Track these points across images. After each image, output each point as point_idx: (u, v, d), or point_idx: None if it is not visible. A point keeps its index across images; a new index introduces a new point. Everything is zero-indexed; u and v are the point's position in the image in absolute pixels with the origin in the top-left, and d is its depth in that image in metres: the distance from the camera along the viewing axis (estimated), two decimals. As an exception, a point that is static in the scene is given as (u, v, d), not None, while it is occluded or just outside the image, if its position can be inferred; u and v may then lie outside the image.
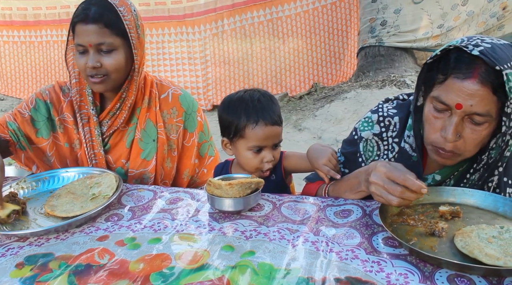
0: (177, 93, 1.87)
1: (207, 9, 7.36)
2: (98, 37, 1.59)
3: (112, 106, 1.74)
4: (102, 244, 1.19)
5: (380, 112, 1.52)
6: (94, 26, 1.59)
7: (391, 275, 1.00)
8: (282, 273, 1.02)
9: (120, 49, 1.65)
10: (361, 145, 1.54)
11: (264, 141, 1.56)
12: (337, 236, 1.18)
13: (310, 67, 7.42)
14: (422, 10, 6.33)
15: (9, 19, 8.05)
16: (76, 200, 1.41)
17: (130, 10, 1.68)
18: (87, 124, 1.77)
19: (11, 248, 1.19)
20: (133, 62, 1.70)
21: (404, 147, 1.44)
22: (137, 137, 1.79)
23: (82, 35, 1.60)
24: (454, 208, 1.23)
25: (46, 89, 1.84)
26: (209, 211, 1.37)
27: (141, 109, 1.80)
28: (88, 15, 1.59)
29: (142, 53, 1.74)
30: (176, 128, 1.84)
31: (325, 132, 5.36)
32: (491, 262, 0.97)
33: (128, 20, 1.65)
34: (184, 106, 1.86)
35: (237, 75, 7.59)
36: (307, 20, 7.23)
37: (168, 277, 1.03)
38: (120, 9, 1.63)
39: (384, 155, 1.50)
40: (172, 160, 1.86)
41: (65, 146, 1.80)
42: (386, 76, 6.30)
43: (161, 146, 1.81)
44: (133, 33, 1.66)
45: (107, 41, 1.60)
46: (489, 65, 1.12)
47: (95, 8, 1.60)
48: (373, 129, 1.51)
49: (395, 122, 1.48)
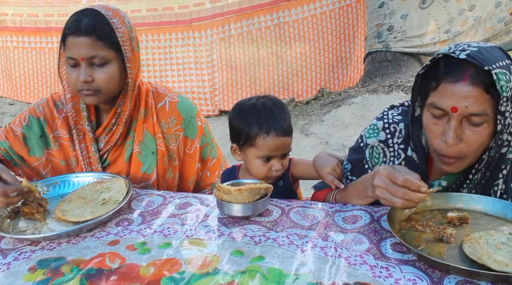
0: (174, 100, 1.81)
1: (214, 13, 7.39)
2: (90, 50, 1.53)
3: (108, 122, 1.69)
4: (113, 248, 1.21)
5: (386, 119, 1.53)
6: (86, 38, 1.53)
7: (400, 280, 1.01)
8: (291, 278, 1.03)
9: (113, 62, 1.59)
10: (367, 152, 1.55)
11: (274, 151, 1.57)
12: (345, 242, 1.19)
13: (317, 72, 7.42)
14: (429, 15, 6.32)
15: (20, 25, 8.13)
16: (87, 205, 1.43)
17: (124, 22, 1.62)
18: (83, 141, 1.73)
19: (24, 252, 1.21)
20: (127, 76, 1.64)
21: (411, 156, 1.45)
22: (135, 151, 1.74)
23: (73, 48, 1.54)
24: (462, 214, 1.23)
25: (40, 105, 1.78)
26: (218, 216, 1.38)
27: (137, 121, 1.74)
28: (80, 27, 1.53)
29: (136, 66, 1.68)
30: (176, 137, 1.79)
31: (332, 137, 5.36)
32: (500, 268, 0.98)
33: (122, 32, 1.59)
34: (182, 114, 1.80)
35: (244, 80, 7.61)
36: (314, 25, 7.23)
37: (178, 282, 1.04)
38: (113, 21, 1.58)
39: (390, 162, 1.51)
40: (174, 170, 1.81)
41: (61, 163, 1.75)
42: (393, 81, 6.29)
43: (161, 158, 1.76)
44: (127, 46, 1.61)
45: (99, 54, 1.55)
46: (478, 67, 1.15)
47: (87, 20, 1.54)
48: (378, 136, 1.53)
49: (400, 128, 1.49)
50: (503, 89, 1.15)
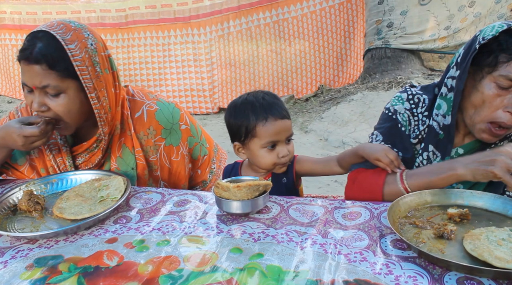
0: (153, 109, 1.69)
1: (212, 10, 7.38)
2: (41, 79, 1.42)
3: (89, 145, 1.64)
4: (111, 246, 1.20)
5: (409, 91, 1.59)
6: (37, 66, 1.41)
7: (400, 277, 1.00)
8: (290, 276, 1.02)
9: (69, 91, 1.47)
10: (399, 117, 1.56)
11: (276, 135, 1.57)
12: (345, 239, 1.18)
13: (317, 69, 7.42)
14: (428, 12, 6.31)
15: (18, 23, 8.12)
16: (85, 202, 1.42)
17: (85, 45, 1.47)
18: (58, 155, 1.67)
19: (21, 250, 1.20)
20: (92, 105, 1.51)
21: (432, 125, 1.48)
22: (113, 167, 1.66)
23: (25, 74, 1.45)
24: (463, 211, 1.22)
25: (19, 110, 1.72)
26: (217, 214, 1.37)
27: (113, 136, 1.65)
28: (31, 53, 1.41)
29: (109, 90, 1.55)
30: (156, 148, 1.70)
31: (332, 134, 5.35)
32: (501, 265, 0.97)
33: (80, 60, 1.44)
34: (162, 123, 1.69)
35: (243, 77, 7.60)
36: (314, 21, 7.23)
37: (177, 280, 1.03)
38: (70, 47, 1.43)
39: (416, 129, 1.54)
40: (155, 180, 1.74)
41: (41, 171, 1.71)
42: (392, 78, 6.29)
43: (142, 172, 1.69)
44: (86, 74, 1.46)
45: (51, 84, 1.43)
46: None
47: (40, 44, 1.42)
48: (404, 105, 1.57)
49: (424, 98, 1.55)
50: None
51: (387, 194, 1.41)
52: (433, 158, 1.48)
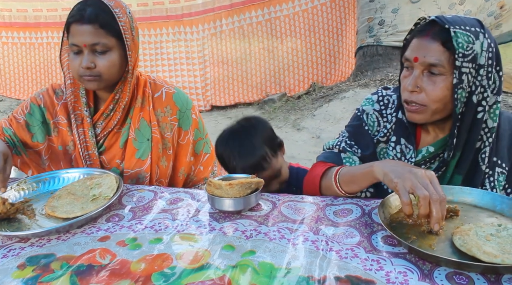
0: (171, 91, 1.87)
1: (205, 9, 7.36)
2: (93, 37, 1.60)
3: (105, 108, 1.74)
4: (104, 244, 1.20)
5: (379, 93, 1.64)
6: (89, 26, 1.59)
7: (391, 273, 1.01)
8: (282, 272, 1.03)
9: (114, 50, 1.65)
10: (364, 117, 1.62)
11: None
12: (336, 235, 1.19)
13: (309, 66, 7.43)
14: (419, 10, 6.33)
15: (9, 20, 8.04)
16: (77, 201, 1.42)
17: (125, 12, 1.68)
18: (80, 126, 1.78)
19: (13, 249, 1.20)
20: (127, 64, 1.70)
21: (402, 118, 1.52)
22: (131, 137, 1.79)
23: (77, 35, 1.60)
24: (452, 207, 1.24)
25: (40, 94, 1.84)
26: (210, 211, 1.38)
27: (134, 109, 1.80)
28: (84, 16, 1.59)
29: (136, 55, 1.75)
30: (171, 127, 1.85)
31: (324, 131, 5.37)
32: (489, 259, 0.98)
33: (123, 21, 1.65)
34: (178, 105, 1.86)
35: (235, 75, 7.60)
36: (305, 19, 7.24)
37: (169, 277, 1.04)
38: (115, 11, 1.64)
39: (384, 128, 1.57)
40: (168, 158, 1.86)
41: (59, 148, 1.80)
42: (384, 75, 6.31)
43: (156, 145, 1.81)
44: (128, 34, 1.67)
45: (102, 42, 1.61)
46: (441, 26, 1.33)
47: (90, 9, 1.61)
48: (373, 106, 1.61)
49: (393, 99, 1.60)
50: (459, 46, 1.30)
51: (323, 187, 1.51)
52: (406, 151, 1.50)
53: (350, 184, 1.41)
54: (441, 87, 1.34)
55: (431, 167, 1.49)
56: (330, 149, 1.63)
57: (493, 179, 1.44)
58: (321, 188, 1.52)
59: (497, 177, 1.44)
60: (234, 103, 7.49)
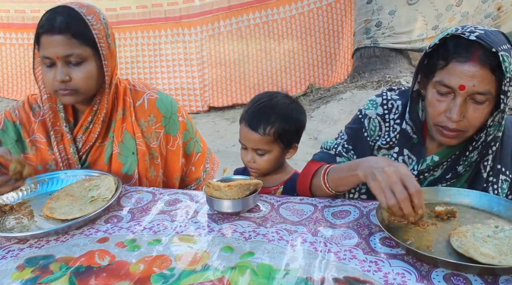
0: (153, 98, 1.78)
1: (203, 10, 7.37)
2: (65, 48, 1.49)
3: (83, 120, 1.66)
4: (102, 245, 1.20)
5: (384, 96, 1.59)
6: (60, 36, 1.49)
7: (389, 274, 1.02)
8: (281, 274, 1.04)
9: (90, 60, 1.56)
10: (365, 122, 1.58)
11: (243, 140, 1.68)
12: (335, 237, 1.20)
13: (306, 68, 7.44)
14: (416, 11, 6.35)
15: (7, 21, 8.01)
16: (75, 202, 1.42)
17: (99, 18, 1.59)
18: (61, 142, 1.68)
19: (11, 250, 1.20)
20: (104, 74, 1.61)
21: (406, 129, 1.49)
22: (115, 152, 1.70)
23: (48, 47, 1.50)
24: (449, 208, 1.25)
25: (16, 109, 1.73)
26: (208, 213, 1.38)
27: (116, 121, 1.71)
28: (54, 26, 1.49)
29: (114, 63, 1.66)
30: (156, 135, 1.77)
31: (321, 133, 5.38)
32: (486, 261, 0.99)
33: (97, 29, 1.56)
34: (162, 111, 1.77)
35: (233, 76, 7.60)
36: (302, 22, 7.26)
37: (168, 278, 1.04)
38: (88, 18, 1.54)
39: (386, 135, 1.55)
40: (156, 168, 1.78)
41: (38, 168, 1.70)
42: (381, 77, 6.32)
43: (142, 158, 1.73)
44: (103, 43, 1.58)
45: (75, 52, 1.51)
46: (486, 48, 1.22)
47: (60, 17, 1.50)
48: (377, 110, 1.57)
49: (398, 105, 1.55)
50: (507, 71, 1.22)
51: (314, 186, 1.49)
52: (408, 162, 1.48)
53: (338, 185, 1.40)
54: (485, 113, 1.30)
55: (434, 175, 1.48)
56: (327, 149, 1.62)
57: (497, 187, 1.42)
58: (312, 187, 1.50)
59: (500, 185, 1.42)
60: (231, 104, 7.49)
